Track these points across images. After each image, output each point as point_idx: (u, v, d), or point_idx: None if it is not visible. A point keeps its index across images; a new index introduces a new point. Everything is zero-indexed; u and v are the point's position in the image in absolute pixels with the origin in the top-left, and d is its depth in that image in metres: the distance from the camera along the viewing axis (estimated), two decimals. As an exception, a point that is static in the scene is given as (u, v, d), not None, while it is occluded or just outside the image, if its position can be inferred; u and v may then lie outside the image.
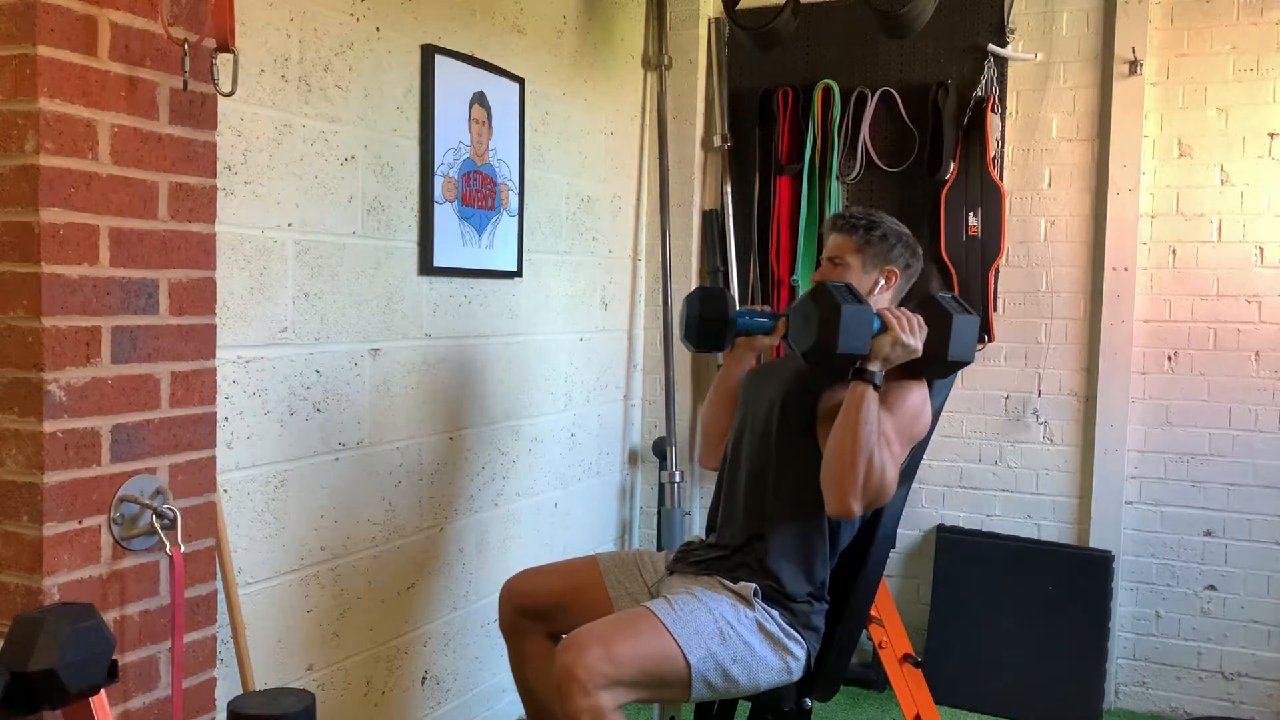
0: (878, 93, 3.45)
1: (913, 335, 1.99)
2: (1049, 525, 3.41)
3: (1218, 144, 3.20)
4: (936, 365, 2.06)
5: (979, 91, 3.34)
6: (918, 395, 2.08)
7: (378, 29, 2.41)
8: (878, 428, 1.94)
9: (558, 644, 1.92)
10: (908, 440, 2.07)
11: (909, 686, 2.71)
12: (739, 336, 2.29)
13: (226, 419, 2.05)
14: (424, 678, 2.71)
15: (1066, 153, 3.35)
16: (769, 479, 2.11)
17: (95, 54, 1.60)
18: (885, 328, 1.97)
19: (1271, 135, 3.15)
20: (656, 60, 3.64)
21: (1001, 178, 3.37)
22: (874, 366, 1.96)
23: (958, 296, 2.13)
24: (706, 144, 3.73)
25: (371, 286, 2.44)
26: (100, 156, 1.61)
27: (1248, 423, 3.20)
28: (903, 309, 2.03)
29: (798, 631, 2.02)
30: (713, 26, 3.69)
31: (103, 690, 1.35)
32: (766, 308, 2.45)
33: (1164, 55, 3.24)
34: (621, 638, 1.86)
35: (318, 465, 2.31)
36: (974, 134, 3.34)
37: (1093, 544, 3.31)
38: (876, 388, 1.96)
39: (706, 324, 2.23)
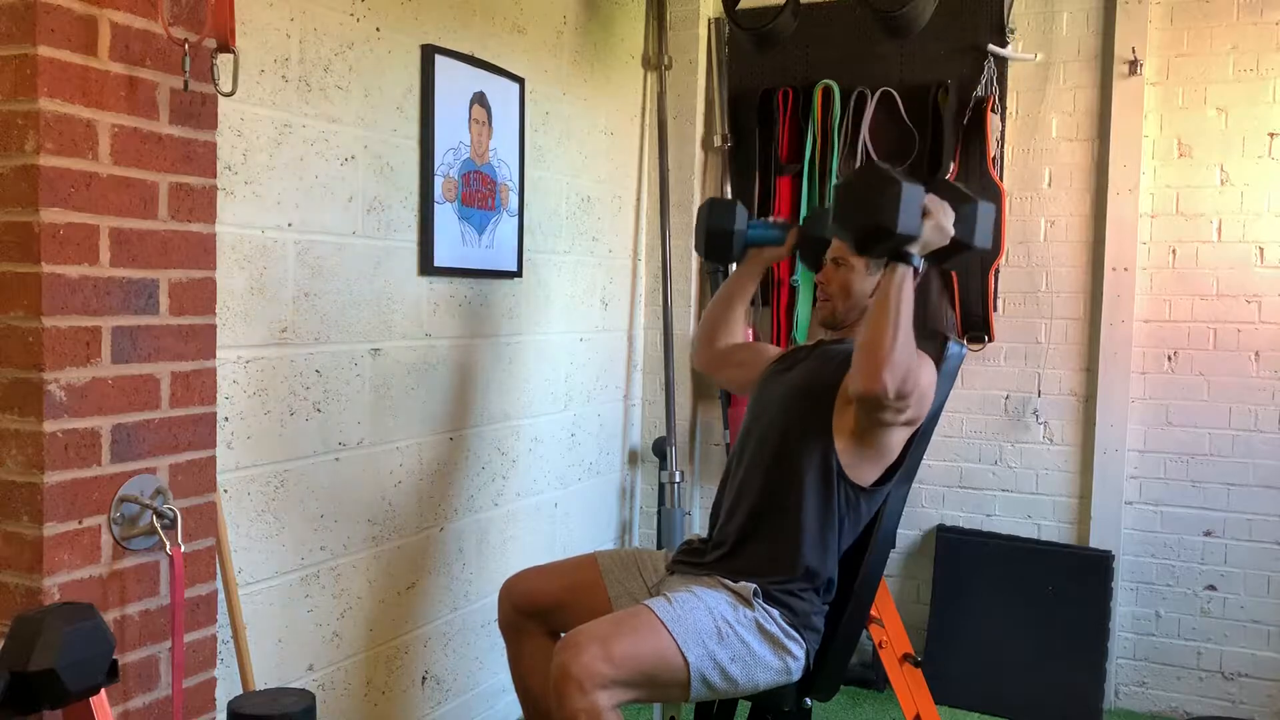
0: (878, 93, 3.45)
1: (948, 221, 1.98)
2: (1049, 525, 3.41)
3: (1218, 144, 3.20)
4: (960, 253, 2.04)
5: (979, 91, 3.34)
6: (929, 374, 2.07)
7: (378, 29, 2.42)
8: (912, 312, 1.94)
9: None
10: (916, 405, 2.04)
11: (909, 686, 2.71)
12: (749, 247, 2.36)
13: (226, 419, 2.05)
14: (424, 678, 2.71)
15: (1066, 153, 3.35)
16: (777, 486, 2.11)
17: (95, 54, 1.60)
18: (927, 212, 1.94)
19: (1271, 135, 3.15)
20: (656, 60, 3.64)
21: (1001, 178, 3.37)
22: (915, 249, 1.94)
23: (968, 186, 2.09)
24: (706, 144, 3.73)
25: (371, 286, 2.44)
26: (100, 156, 1.61)
27: (1248, 423, 3.20)
28: (931, 193, 2.00)
29: (798, 632, 2.02)
30: (713, 26, 3.69)
31: (103, 690, 1.35)
32: (781, 219, 2.48)
33: (1164, 55, 3.24)
34: (619, 636, 1.86)
35: (318, 465, 2.31)
36: (974, 134, 3.34)
37: (1093, 544, 3.31)
38: (916, 271, 1.95)
39: (713, 235, 2.30)
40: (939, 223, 1.95)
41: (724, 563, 2.12)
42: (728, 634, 1.93)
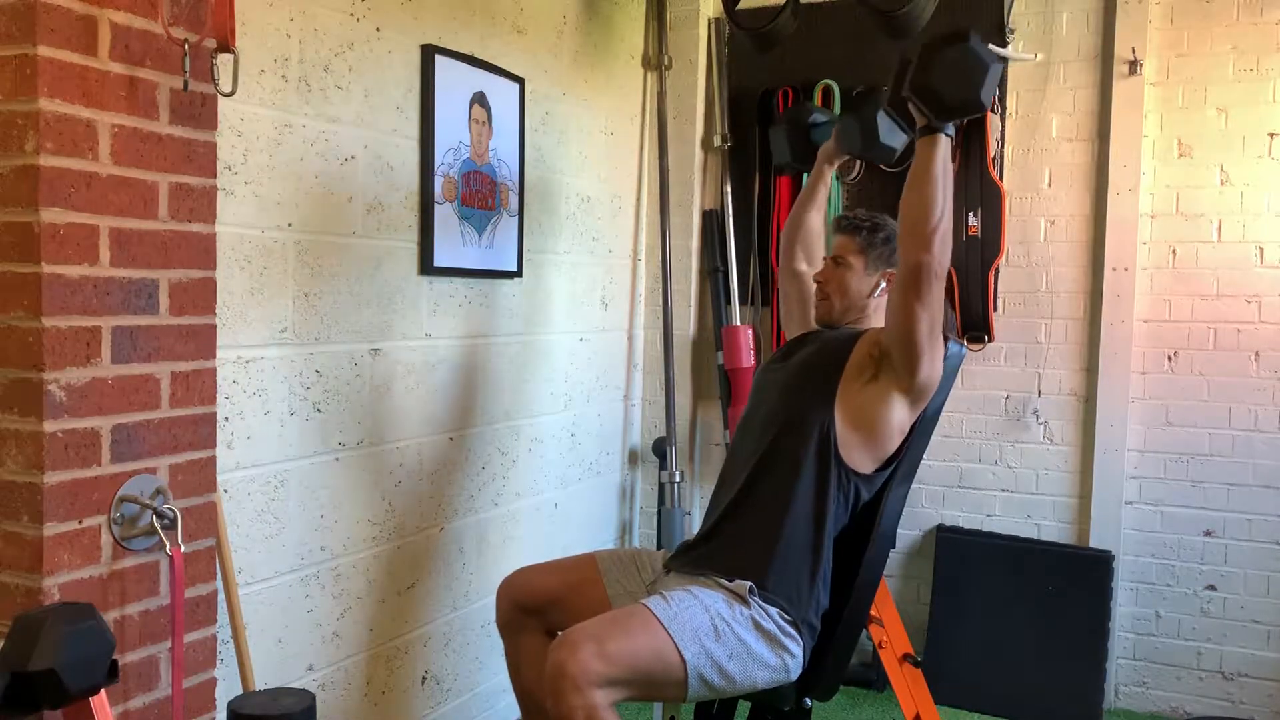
0: (878, 93, 3.45)
1: None
2: (1049, 525, 3.41)
3: (1218, 144, 3.20)
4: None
5: (979, 91, 3.34)
6: (939, 349, 2.08)
7: (378, 29, 2.42)
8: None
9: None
10: (933, 359, 2.07)
11: (909, 686, 2.71)
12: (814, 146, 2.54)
13: (226, 419, 2.05)
14: (424, 678, 2.71)
15: (1066, 153, 3.35)
16: (774, 465, 2.11)
17: (95, 54, 1.60)
18: None
19: (1271, 135, 3.15)
20: (656, 60, 3.64)
21: (1001, 178, 3.37)
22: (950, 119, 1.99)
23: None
24: (706, 144, 3.73)
25: (371, 286, 2.44)
26: (100, 156, 1.61)
27: (1248, 423, 3.20)
28: None
29: (795, 629, 2.02)
30: (713, 26, 3.69)
31: (103, 690, 1.35)
32: (832, 112, 2.61)
33: (1164, 55, 3.24)
34: (616, 635, 1.86)
35: (318, 465, 2.31)
36: (974, 134, 3.34)
37: (1093, 544, 3.31)
38: (951, 139, 2.00)
39: (786, 137, 2.59)
40: None
41: (714, 549, 2.12)
42: (725, 632, 1.93)
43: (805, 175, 2.62)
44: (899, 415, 2.08)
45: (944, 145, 1.97)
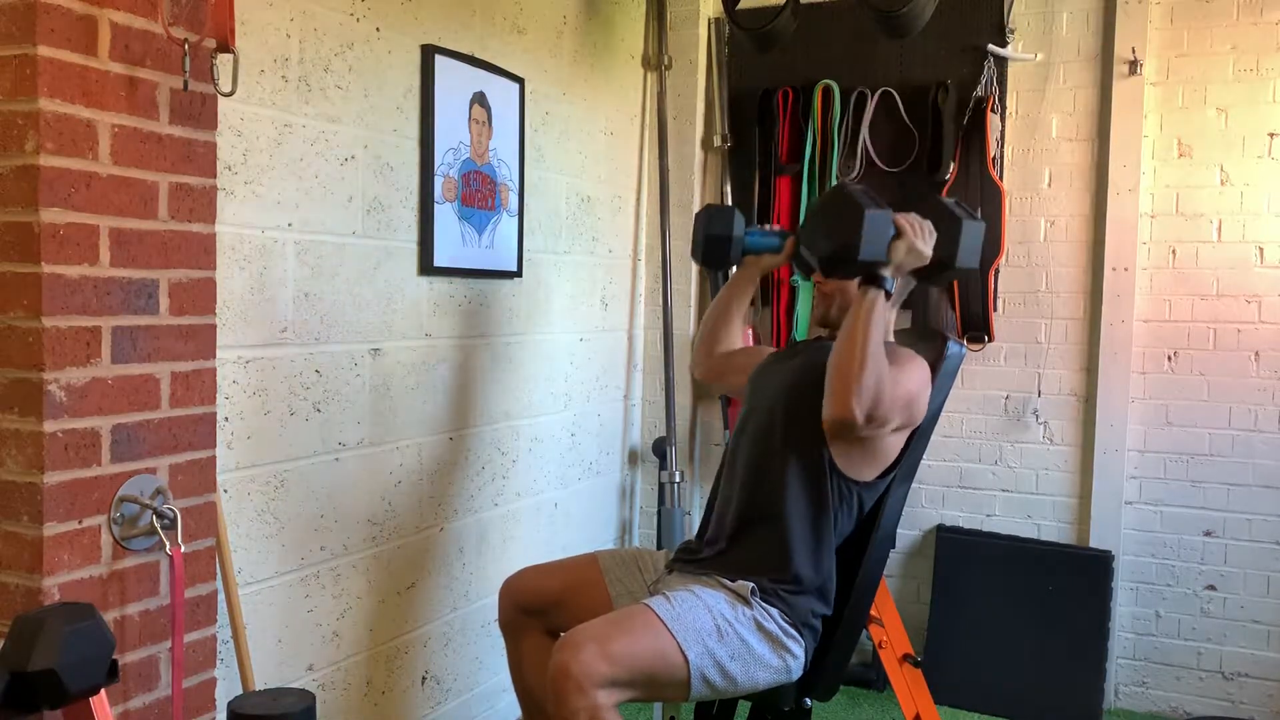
0: (878, 93, 3.45)
1: (925, 241, 1.99)
2: (1049, 525, 3.41)
3: (1218, 144, 3.20)
4: (944, 273, 2.05)
5: (979, 91, 3.34)
6: (918, 378, 2.07)
7: (378, 29, 2.42)
8: (884, 336, 1.94)
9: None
10: (903, 414, 2.05)
11: (909, 686, 2.71)
12: (746, 255, 2.35)
13: (226, 419, 2.05)
14: (424, 678, 2.71)
15: (1066, 153, 3.35)
16: (768, 477, 2.11)
17: (95, 54, 1.60)
18: (899, 233, 1.96)
19: (1271, 135, 3.15)
20: (656, 60, 3.64)
21: (1001, 178, 3.37)
22: (887, 272, 1.95)
23: (961, 202, 2.10)
24: (706, 144, 3.73)
25: (371, 286, 2.44)
26: (100, 156, 1.61)
27: (1248, 423, 3.20)
28: (913, 214, 2.02)
29: (796, 630, 2.02)
30: (713, 26, 3.69)
31: (103, 690, 1.35)
32: (778, 227, 2.51)
33: (1164, 55, 3.24)
34: (618, 635, 1.86)
35: (318, 465, 2.31)
36: (974, 134, 3.34)
37: (1093, 544, 3.31)
38: (888, 295, 1.96)
39: (711, 241, 2.29)
40: (912, 245, 1.97)
41: (717, 561, 2.12)
42: (727, 632, 1.93)
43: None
44: (891, 439, 2.08)
45: (871, 298, 1.94)
